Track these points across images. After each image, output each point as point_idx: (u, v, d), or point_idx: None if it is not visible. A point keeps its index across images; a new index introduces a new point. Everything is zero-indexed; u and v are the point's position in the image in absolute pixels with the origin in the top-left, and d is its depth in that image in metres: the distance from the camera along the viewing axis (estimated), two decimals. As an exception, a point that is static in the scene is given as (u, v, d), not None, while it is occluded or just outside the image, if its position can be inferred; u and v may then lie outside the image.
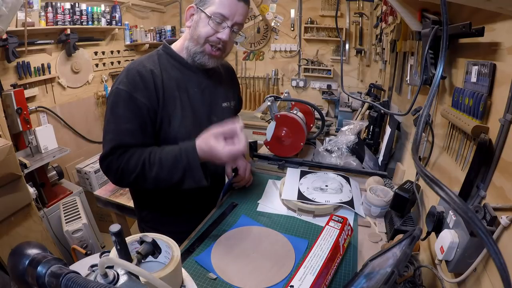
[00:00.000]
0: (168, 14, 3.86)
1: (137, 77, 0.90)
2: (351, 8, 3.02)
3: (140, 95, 0.89)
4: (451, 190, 0.32)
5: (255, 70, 3.63)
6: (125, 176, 0.88)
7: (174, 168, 0.86)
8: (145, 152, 0.88)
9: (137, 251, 0.46)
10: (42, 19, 2.37)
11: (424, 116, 0.49)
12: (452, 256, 0.61)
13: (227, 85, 1.15)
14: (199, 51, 0.96)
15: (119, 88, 0.89)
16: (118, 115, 0.89)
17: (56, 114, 2.65)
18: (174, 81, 0.97)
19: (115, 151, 0.87)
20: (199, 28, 0.93)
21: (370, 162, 1.42)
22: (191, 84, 1.00)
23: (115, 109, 0.89)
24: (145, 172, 0.87)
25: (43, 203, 2.11)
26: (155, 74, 0.93)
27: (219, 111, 1.08)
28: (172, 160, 0.86)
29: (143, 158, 0.87)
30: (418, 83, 1.02)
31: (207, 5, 0.91)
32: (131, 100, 0.88)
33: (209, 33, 0.92)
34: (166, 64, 0.98)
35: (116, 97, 0.89)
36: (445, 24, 0.52)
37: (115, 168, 0.88)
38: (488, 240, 0.29)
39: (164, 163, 0.87)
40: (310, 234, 0.96)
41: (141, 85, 0.90)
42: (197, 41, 0.95)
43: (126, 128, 0.88)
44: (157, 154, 0.88)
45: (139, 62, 0.96)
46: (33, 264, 0.38)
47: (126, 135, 0.88)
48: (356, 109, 2.64)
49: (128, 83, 0.89)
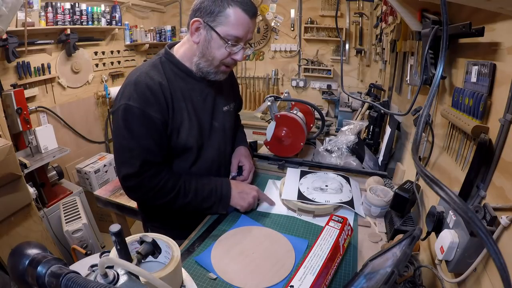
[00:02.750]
0: (168, 14, 3.86)
1: (147, 92, 0.87)
2: (351, 8, 3.02)
3: (152, 110, 0.87)
4: (451, 190, 0.32)
5: (255, 70, 3.63)
6: (157, 198, 0.94)
7: (207, 198, 0.99)
8: (181, 179, 0.96)
9: (137, 251, 0.46)
10: (42, 19, 2.37)
11: (424, 116, 0.49)
12: (452, 256, 0.61)
13: (227, 89, 1.15)
14: (213, 71, 0.95)
15: (130, 104, 0.85)
16: (135, 133, 0.87)
17: (56, 114, 2.65)
18: (179, 91, 0.95)
19: (145, 169, 0.89)
20: (213, 50, 0.90)
21: (370, 162, 1.42)
22: (194, 93, 0.99)
23: (130, 126, 0.87)
24: (179, 197, 0.95)
25: (43, 203, 2.11)
26: (164, 87, 0.91)
27: (220, 115, 1.08)
28: (207, 191, 0.99)
29: (180, 183, 0.95)
30: (418, 83, 1.02)
31: (217, 23, 0.86)
32: (145, 117, 0.86)
33: (225, 56, 0.91)
34: (171, 74, 0.96)
35: (127, 114, 0.86)
36: (445, 24, 0.52)
37: (151, 186, 0.91)
38: (488, 240, 0.29)
39: (200, 192, 0.98)
40: (310, 234, 0.96)
41: (152, 100, 0.87)
42: (212, 62, 0.93)
43: (145, 144, 0.88)
44: (192, 183, 0.97)
45: (145, 73, 0.91)
46: (33, 264, 0.38)
47: (148, 152, 0.89)
48: (356, 109, 2.64)
49: (139, 99, 0.86)
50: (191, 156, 1.01)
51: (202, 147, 1.03)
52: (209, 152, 1.05)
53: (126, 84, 0.90)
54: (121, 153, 0.90)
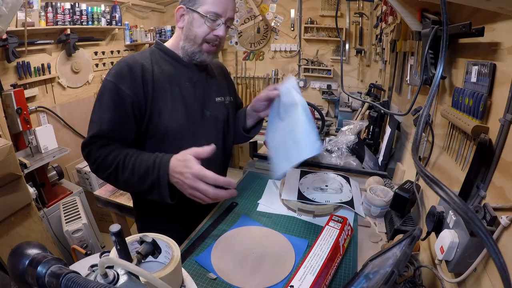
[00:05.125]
0: (168, 14, 3.86)
1: (125, 69, 0.91)
2: (351, 8, 3.02)
3: (125, 86, 0.90)
4: (451, 190, 0.32)
5: (255, 70, 3.64)
6: (99, 171, 0.90)
7: (143, 179, 0.84)
8: (122, 153, 0.88)
9: (137, 251, 0.46)
10: (42, 19, 2.37)
11: (424, 116, 0.49)
12: (452, 256, 0.61)
13: (220, 80, 1.15)
14: (197, 50, 0.98)
15: (107, 79, 0.91)
16: (102, 105, 0.90)
17: (56, 114, 2.65)
18: (166, 75, 0.98)
19: (96, 140, 0.88)
20: (195, 29, 0.95)
21: (370, 162, 1.42)
22: (183, 79, 1.01)
23: (101, 99, 0.90)
24: (117, 174, 0.87)
25: (43, 203, 2.11)
26: (145, 68, 0.94)
27: (212, 105, 1.08)
28: (144, 170, 0.84)
29: (118, 158, 0.87)
30: (418, 83, 1.02)
31: (197, 5, 0.93)
32: (116, 91, 0.89)
33: (206, 32, 0.94)
34: (159, 59, 1.00)
35: (103, 88, 0.91)
36: (445, 24, 0.52)
37: (93, 159, 0.89)
38: (488, 240, 0.29)
39: (136, 170, 0.85)
40: (310, 234, 0.96)
41: (127, 77, 0.91)
42: (194, 41, 0.96)
43: (107, 118, 0.89)
44: (131, 159, 0.87)
45: (130, 56, 0.97)
46: (33, 264, 0.38)
47: (106, 125, 0.88)
48: (356, 109, 2.64)
49: (116, 75, 0.90)
50: (177, 143, 0.98)
51: (192, 136, 1.02)
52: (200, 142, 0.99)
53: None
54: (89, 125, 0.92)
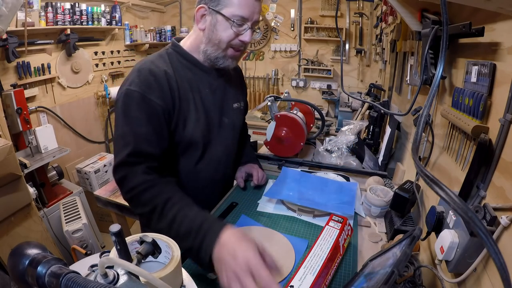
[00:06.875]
0: (168, 14, 3.86)
1: (150, 77, 0.83)
2: (351, 8, 3.02)
3: (154, 96, 0.82)
4: (451, 190, 0.32)
5: (255, 70, 3.64)
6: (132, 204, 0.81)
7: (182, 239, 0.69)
8: (163, 195, 0.76)
9: (137, 251, 0.46)
10: (42, 19, 2.37)
11: (424, 116, 0.49)
12: (452, 256, 0.61)
13: (236, 86, 1.12)
14: (221, 55, 0.91)
15: (130, 89, 0.81)
16: (131, 118, 0.81)
17: (56, 114, 2.65)
18: (186, 82, 0.92)
19: (134, 160, 0.79)
20: (219, 32, 0.87)
21: (370, 162, 1.42)
22: (202, 85, 0.96)
23: (127, 111, 0.81)
24: (152, 218, 0.76)
25: (43, 203, 2.11)
26: (169, 75, 0.87)
27: (230, 112, 1.05)
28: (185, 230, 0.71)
29: (157, 201, 0.75)
30: (418, 83, 1.02)
31: (221, 6, 0.84)
32: (145, 102, 0.81)
33: (231, 37, 0.87)
34: (177, 64, 0.93)
35: (127, 99, 0.82)
36: (445, 24, 0.52)
37: (127, 188, 0.79)
38: (488, 240, 0.29)
39: (176, 226, 0.72)
40: (310, 234, 0.96)
41: (155, 86, 0.83)
42: (218, 46, 0.89)
43: (141, 132, 0.80)
44: (173, 209, 0.74)
45: (150, 61, 0.88)
46: (33, 264, 0.38)
47: (142, 140, 0.80)
48: (356, 109, 2.65)
49: (141, 83, 0.82)
50: (197, 152, 0.96)
51: (210, 143, 0.98)
52: (217, 150, 1.01)
53: (130, 73, 0.87)
54: (117, 142, 0.82)
